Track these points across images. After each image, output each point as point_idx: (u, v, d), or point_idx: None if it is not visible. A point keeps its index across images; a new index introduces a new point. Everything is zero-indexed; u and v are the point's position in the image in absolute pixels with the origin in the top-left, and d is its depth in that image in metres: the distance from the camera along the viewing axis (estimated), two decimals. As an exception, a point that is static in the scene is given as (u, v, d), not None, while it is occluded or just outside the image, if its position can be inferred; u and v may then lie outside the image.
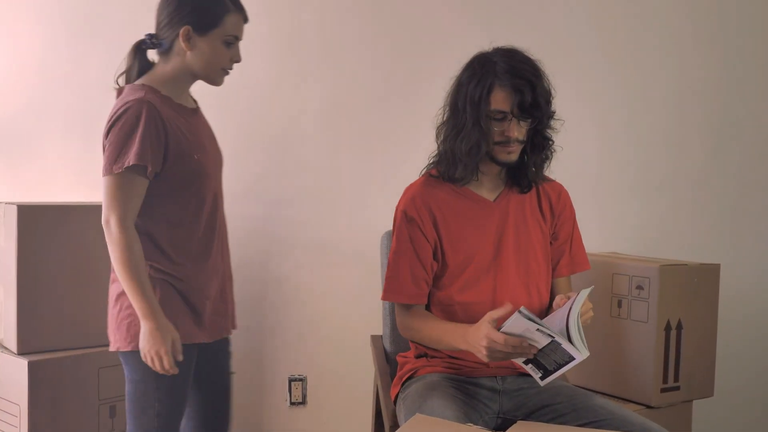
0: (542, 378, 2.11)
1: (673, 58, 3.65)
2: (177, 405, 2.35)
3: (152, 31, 2.35)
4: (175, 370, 2.22)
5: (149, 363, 2.21)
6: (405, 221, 2.39)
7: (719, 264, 3.03)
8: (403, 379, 2.44)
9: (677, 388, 2.91)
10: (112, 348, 2.34)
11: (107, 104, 3.47)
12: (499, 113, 2.27)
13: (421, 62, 3.57)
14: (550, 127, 2.37)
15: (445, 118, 2.41)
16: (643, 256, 3.17)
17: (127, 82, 2.36)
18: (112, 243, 2.23)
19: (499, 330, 2.04)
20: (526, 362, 2.11)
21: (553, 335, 1.97)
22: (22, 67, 3.46)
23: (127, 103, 2.23)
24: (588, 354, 1.97)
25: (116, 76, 2.38)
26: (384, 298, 2.43)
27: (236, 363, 3.58)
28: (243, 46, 3.56)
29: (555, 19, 3.62)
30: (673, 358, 2.89)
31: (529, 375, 2.35)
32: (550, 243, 2.48)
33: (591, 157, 3.61)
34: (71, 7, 3.45)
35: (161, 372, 2.21)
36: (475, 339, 2.10)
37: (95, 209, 2.89)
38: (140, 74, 2.35)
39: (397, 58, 3.60)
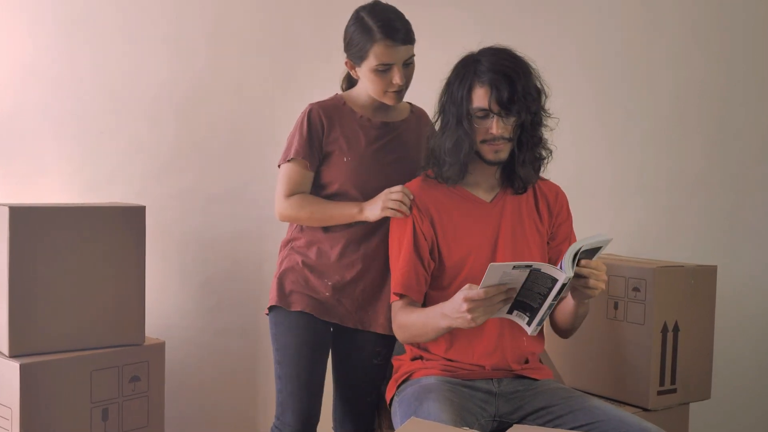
0: (529, 323, 2.10)
1: (671, 60, 3.63)
2: (293, 367, 2.55)
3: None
4: (408, 194, 2.42)
5: (393, 209, 2.41)
6: (403, 221, 2.40)
7: (716, 265, 3.02)
8: (399, 381, 2.43)
9: (674, 391, 2.90)
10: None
11: (99, 105, 3.49)
12: (480, 111, 2.30)
13: (417, 62, 3.55)
14: (540, 124, 2.37)
15: (436, 120, 2.44)
16: (639, 257, 3.16)
17: (344, 90, 2.72)
18: (289, 217, 2.58)
19: None
20: (510, 311, 2.12)
21: (531, 264, 1.98)
22: (14, 67, 3.44)
23: (305, 108, 2.59)
24: (572, 275, 1.98)
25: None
26: (391, 299, 2.44)
27: (230, 363, 3.59)
28: (235, 48, 3.56)
29: (554, 19, 3.61)
30: (670, 360, 2.88)
31: (525, 377, 2.36)
32: (547, 243, 2.47)
33: (588, 159, 3.59)
34: (63, 8, 3.43)
35: (401, 206, 2.40)
36: (454, 308, 2.13)
37: (88, 211, 2.88)
38: (350, 86, 2.69)
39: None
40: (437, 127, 2.41)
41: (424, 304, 2.42)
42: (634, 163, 3.66)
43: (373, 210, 2.46)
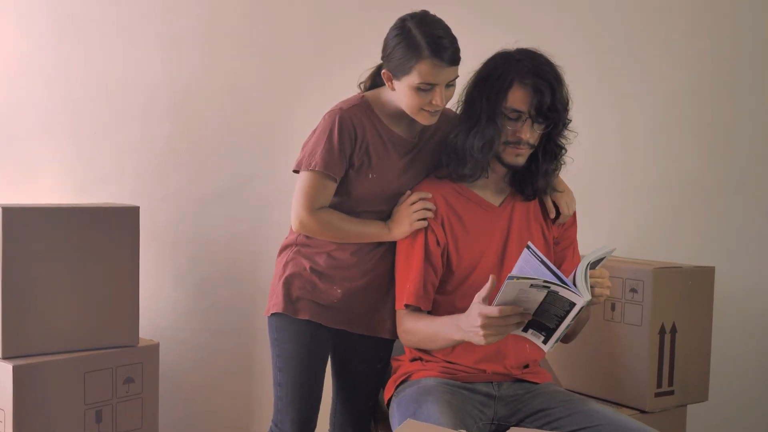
0: (545, 342, 2.06)
1: (666, 59, 3.63)
2: (295, 376, 2.49)
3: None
4: (433, 206, 2.37)
5: (421, 220, 2.36)
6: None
7: (714, 266, 3.01)
8: (397, 382, 2.41)
9: (671, 393, 2.89)
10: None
11: (92, 104, 3.47)
12: (514, 112, 2.24)
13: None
14: (563, 136, 2.34)
15: (458, 112, 2.39)
16: (636, 258, 3.15)
17: (364, 90, 2.54)
18: (312, 232, 2.43)
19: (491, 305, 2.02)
20: (525, 329, 2.07)
21: (549, 284, 1.93)
22: (6, 66, 3.42)
23: (333, 110, 2.41)
24: (590, 297, 1.93)
25: (358, 83, 2.55)
26: (398, 306, 2.40)
27: (225, 364, 3.57)
28: (230, 47, 3.53)
29: (545, 19, 3.59)
30: (668, 362, 2.87)
31: (525, 381, 2.35)
32: (555, 245, 2.47)
33: (584, 159, 3.56)
34: (56, 6, 3.41)
35: (425, 213, 2.36)
36: (469, 323, 2.06)
37: (82, 211, 2.87)
38: (373, 86, 2.51)
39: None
40: (461, 121, 2.34)
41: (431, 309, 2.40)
42: (636, 163, 3.65)
43: (401, 229, 2.38)
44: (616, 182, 3.64)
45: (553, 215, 2.45)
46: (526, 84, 2.21)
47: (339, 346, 2.60)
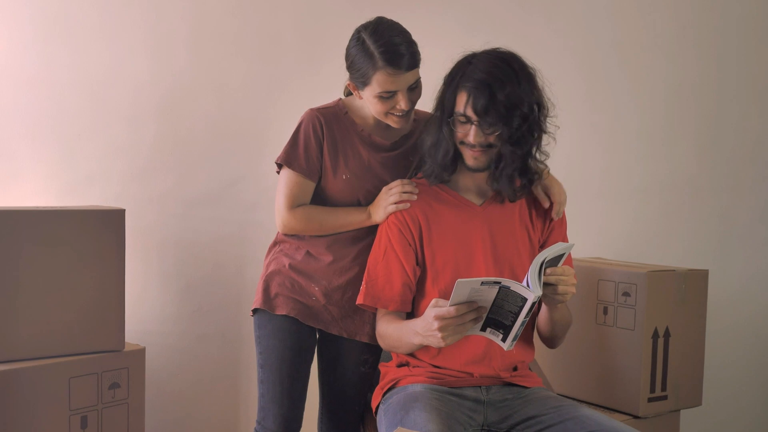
0: (503, 340, 2.07)
1: (660, 62, 3.62)
2: (276, 371, 2.49)
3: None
4: (413, 190, 2.40)
5: (395, 204, 2.38)
6: (391, 225, 2.38)
7: (707, 270, 2.99)
8: (385, 389, 2.39)
9: (665, 398, 2.87)
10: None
11: (77, 106, 3.43)
12: (462, 116, 2.25)
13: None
14: (525, 139, 2.27)
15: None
16: (629, 261, 3.14)
17: (346, 95, 2.62)
18: (293, 229, 2.49)
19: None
20: (483, 328, 2.09)
21: (499, 280, 1.96)
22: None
23: (306, 111, 2.52)
24: (540, 293, 1.96)
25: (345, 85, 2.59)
26: (359, 301, 2.41)
27: (211, 368, 3.54)
28: (216, 48, 3.50)
29: (544, 19, 3.59)
30: (661, 366, 2.85)
31: (514, 385, 2.33)
32: (540, 248, 2.44)
33: (576, 161, 3.56)
34: (40, 6, 3.37)
35: (401, 196, 2.38)
36: (425, 326, 2.10)
37: (66, 214, 2.83)
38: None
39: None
40: (427, 123, 2.38)
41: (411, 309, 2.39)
42: (625, 165, 3.64)
43: (377, 213, 2.42)
44: (609, 184, 3.63)
45: (546, 205, 2.43)
46: (467, 87, 2.22)
47: (324, 347, 2.61)
